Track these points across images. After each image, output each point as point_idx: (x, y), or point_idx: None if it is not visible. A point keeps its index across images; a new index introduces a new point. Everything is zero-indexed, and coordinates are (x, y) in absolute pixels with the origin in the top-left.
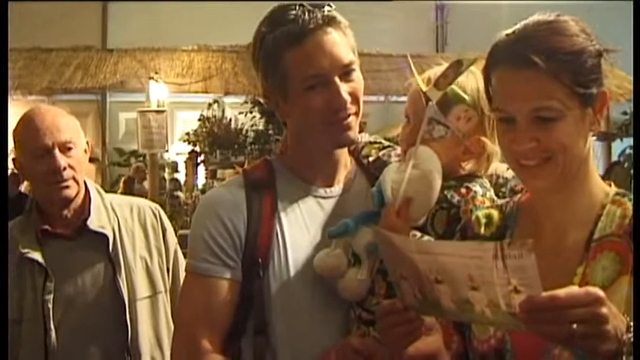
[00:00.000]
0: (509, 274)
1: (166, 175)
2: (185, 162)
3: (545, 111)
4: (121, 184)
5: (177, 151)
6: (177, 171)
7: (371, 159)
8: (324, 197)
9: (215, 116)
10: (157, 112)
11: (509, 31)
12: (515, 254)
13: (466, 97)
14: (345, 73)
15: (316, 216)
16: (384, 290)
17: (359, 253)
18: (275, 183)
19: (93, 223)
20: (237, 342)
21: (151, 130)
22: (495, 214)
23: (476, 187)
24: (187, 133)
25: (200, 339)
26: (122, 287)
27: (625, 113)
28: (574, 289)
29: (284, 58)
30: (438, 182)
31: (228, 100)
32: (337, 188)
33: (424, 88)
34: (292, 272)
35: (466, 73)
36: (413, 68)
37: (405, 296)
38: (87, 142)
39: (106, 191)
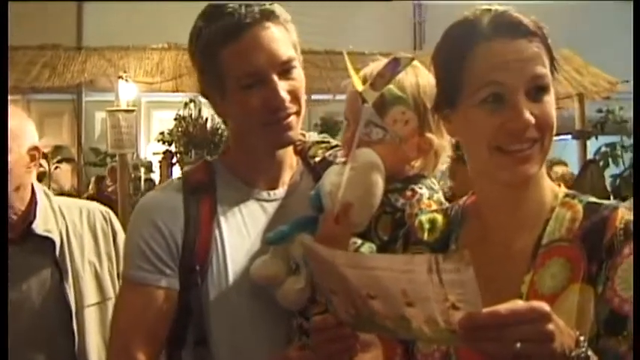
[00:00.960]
0: (446, 289)
1: (142, 175)
2: (160, 162)
3: (541, 80)
4: (92, 184)
5: (153, 151)
6: (152, 171)
7: (317, 159)
8: (267, 200)
9: (191, 115)
10: (127, 111)
11: (486, 7)
12: (452, 268)
13: (404, 97)
14: (285, 70)
15: (258, 220)
16: (324, 298)
17: (297, 260)
18: (215, 186)
19: (39, 227)
20: (179, 353)
21: (121, 129)
22: (439, 218)
23: (422, 190)
24: (162, 133)
25: (135, 350)
26: (69, 293)
27: (600, 111)
28: (517, 305)
29: (220, 55)
30: (378, 185)
31: (204, 99)
32: (282, 190)
33: (360, 89)
34: (231, 280)
35: (406, 69)
36: (349, 66)
37: (338, 312)
38: (35, 148)
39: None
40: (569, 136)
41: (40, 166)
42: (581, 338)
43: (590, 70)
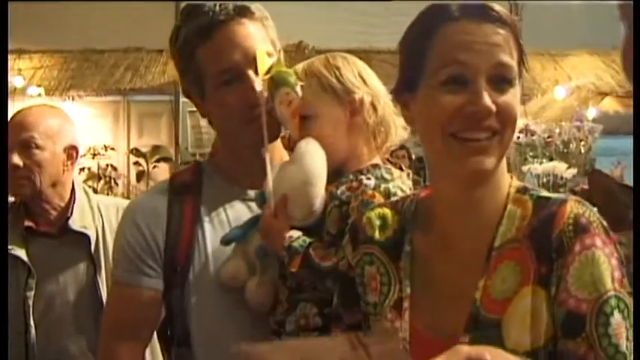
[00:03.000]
0: None
1: None
2: None
3: (506, 69)
4: None
5: None
6: None
7: None
8: (253, 200)
9: None
10: None
11: None
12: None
13: (289, 78)
14: None
15: (244, 220)
16: (285, 296)
17: (253, 259)
18: (201, 187)
19: (75, 223)
20: (169, 350)
21: (200, 129)
22: (390, 214)
23: (369, 180)
24: None
25: (118, 349)
26: (101, 287)
27: None
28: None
29: (197, 54)
30: (317, 177)
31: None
32: None
33: (260, 76)
34: (213, 280)
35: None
36: (259, 55)
37: None
38: (72, 147)
39: None
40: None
41: (139, 165)
42: None
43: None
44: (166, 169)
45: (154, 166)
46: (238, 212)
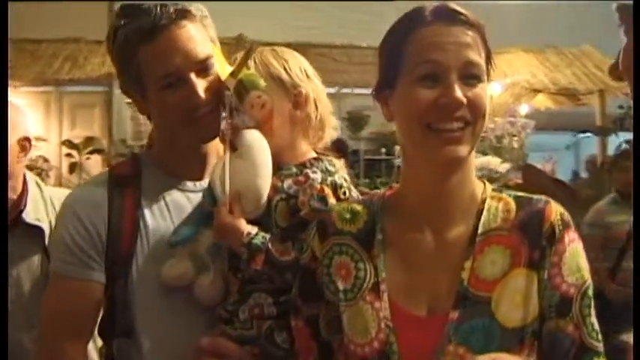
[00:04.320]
0: None
1: None
2: None
3: (475, 67)
4: None
5: None
6: None
7: None
8: (192, 191)
9: None
10: None
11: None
12: None
13: (258, 80)
14: (203, 68)
15: (184, 211)
16: (237, 287)
17: (204, 257)
18: (140, 178)
19: (29, 216)
20: (111, 343)
21: (139, 121)
22: (359, 207)
23: (315, 174)
24: None
25: (63, 343)
26: None
27: (621, 107)
28: None
29: (137, 56)
30: (266, 169)
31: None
32: (208, 180)
33: (223, 78)
34: (154, 271)
35: (284, 60)
36: (217, 54)
37: None
38: (26, 139)
39: None
40: (590, 133)
41: (71, 156)
42: None
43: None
44: (99, 161)
45: (87, 158)
46: (177, 202)
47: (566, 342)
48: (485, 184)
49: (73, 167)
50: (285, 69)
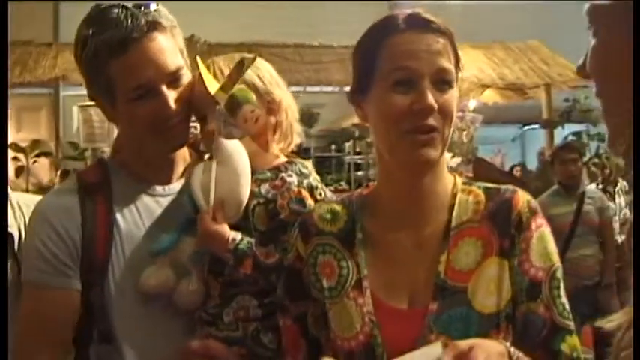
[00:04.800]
0: None
1: None
2: None
3: (446, 74)
4: (58, 178)
5: None
6: None
7: (207, 157)
8: (162, 195)
9: None
10: None
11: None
12: None
13: (251, 95)
14: (174, 79)
15: (155, 216)
16: (218, 291)
17: (184, 264)
18: (110, 185)
19: None
20: (86, 350)
21: (93, 124)
22: (338, 208)
23: (291, 178)
24: None
25: (40, 353)
26: None
27: (567, 100)
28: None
29: (108, 67)
30: (245, 175)
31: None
32: (176, 185)
33: (212, 92)
34: (131, 276)
35: (256, 68)
36: (202, 68)
37: None
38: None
39: None
40: (537, 125)
41: (18, 160)
42: (512, 349)
43: (556, 60)
44: (47, 164)
45: (34, 161)
46: (148, 207)
47: (537, 322)
48: (455, 178)
49: (19, 171)
50: (258, 76)
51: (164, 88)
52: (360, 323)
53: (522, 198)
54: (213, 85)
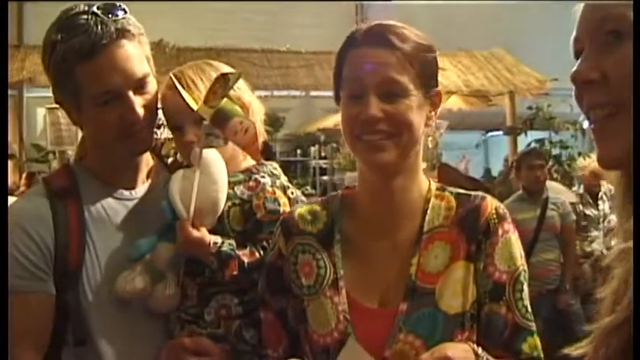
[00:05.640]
0: None
1: None
2: None
3: (394, 85)
4: (23, 180)
5: None
6: None
7: (170, 160)
8: (129, 199)
9: None
10: None
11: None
12: None
13: (238, 108)
14: (140, 86)
15: (123, 219)
16: (195, 291)
17: (161, 269)
18: (78, 189)
19: None
20: (58, 354)
21: (60, 127)
22: (319, 209)
23: (264, 179)
24: None
25: (19, 358)
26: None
27: (530, 108)
28: None
29: (75, 72)
30: (224, 184)
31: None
32: (142, 188)
33: (195, 108)
34: (105, 280)
35: (213, 70)
36: (178, 85)
37: None
38: None
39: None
40: (500, 132)
41: None
42: (479, 350)
43: (520, 68)
44: (10, 167)
45: None
46: (115, 210)
47: (500, 323)
48: (430, 183)
49: None
50: (238, 105)
51: (130, 94)
52: (335, 321)
53: (491, 205)
54: (191, 101)
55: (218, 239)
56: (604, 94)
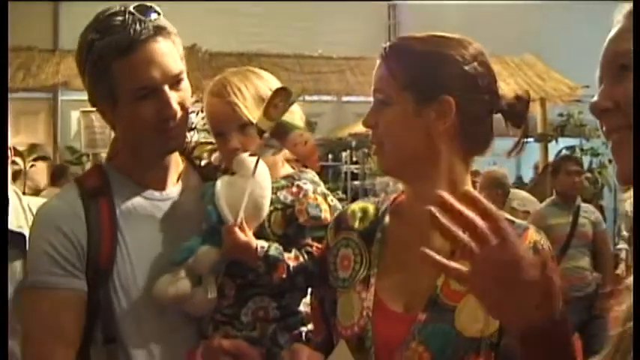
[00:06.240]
0: None
1: None
2: None
3: (379, 92)
4: (48, 177)
5: None
6: None
7: (203, 162)
8: (160, 200)
9: None
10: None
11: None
12: None
13: (300, 122)
14: (175, 82)
15: (154, 219)
16: (233, 291)
17: (201, 273)
18: (110, 189)
19: (12, 224)
20: (87, 351)
21: (94, 129)
22: (371, 207)
23: (307, 185)
24: None
25: (54, 356)
26: None
27: (561, 115)
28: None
29: (112, 69)
30: (269, 190)
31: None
32: (172, 190)
33: (252, 120)
34: (135, 278)
35: (266, 81)
36: (232, 96)
37: None
38: (11, 148)
39: None
40: (531, 140)
41: (16, 164)
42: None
43: (551, 75)
44: (44, 168)
45: (32, 165)
46: (146, 210)
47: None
48: None
49: (16, 175)
50: (270, 89)
51: (167, 88)
52: (357, 316)
53: (530, 238)
54: (245, 110)
55: (265, 243)
56: (618, 119)
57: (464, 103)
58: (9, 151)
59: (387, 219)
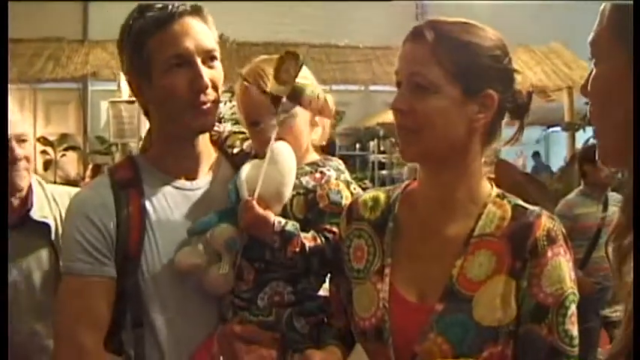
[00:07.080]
0: None
1: None
2: None
3: (419, 77)
4: (89, 172)
5: None
6: None
7: (235, 150)
8: (190, 190)
9: None
10: (128, 102)
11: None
12: None
13: (308, 81)
14: (209, 58)
15: (183, 209)
16: (252, 275)
17: (218, 249)
18: (141, 180)
19: (35, 214)
20: (118, 336)
21: (122, 120)
22: (382, 197)
23: (330, 172)
24: None
25: (84, 340)
26: None
27: (588, 103)
28: None
29: (149, 42)
30: (291, 177)
31: (128, 87)
32: (203, 180)
33: (269, 89)
34: (164, 266)
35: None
36: (266, 80)
37: None
38: (40, 138)
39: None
40: (559, 128)
41: (47, 154)
42: None
43: (579, 63)
44: (74, 158)
45: (62, 155)
46: (175, 199)
47: (538, 344)
48: (492, 187)
49: (48, 164)
50: (304, 77)
51: (199, 61)
52: (374, 307)
53: (544, 225)
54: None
55: (282, 220)
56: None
57: (501, 99)
58: (29, 143)
59: (398, 208)
